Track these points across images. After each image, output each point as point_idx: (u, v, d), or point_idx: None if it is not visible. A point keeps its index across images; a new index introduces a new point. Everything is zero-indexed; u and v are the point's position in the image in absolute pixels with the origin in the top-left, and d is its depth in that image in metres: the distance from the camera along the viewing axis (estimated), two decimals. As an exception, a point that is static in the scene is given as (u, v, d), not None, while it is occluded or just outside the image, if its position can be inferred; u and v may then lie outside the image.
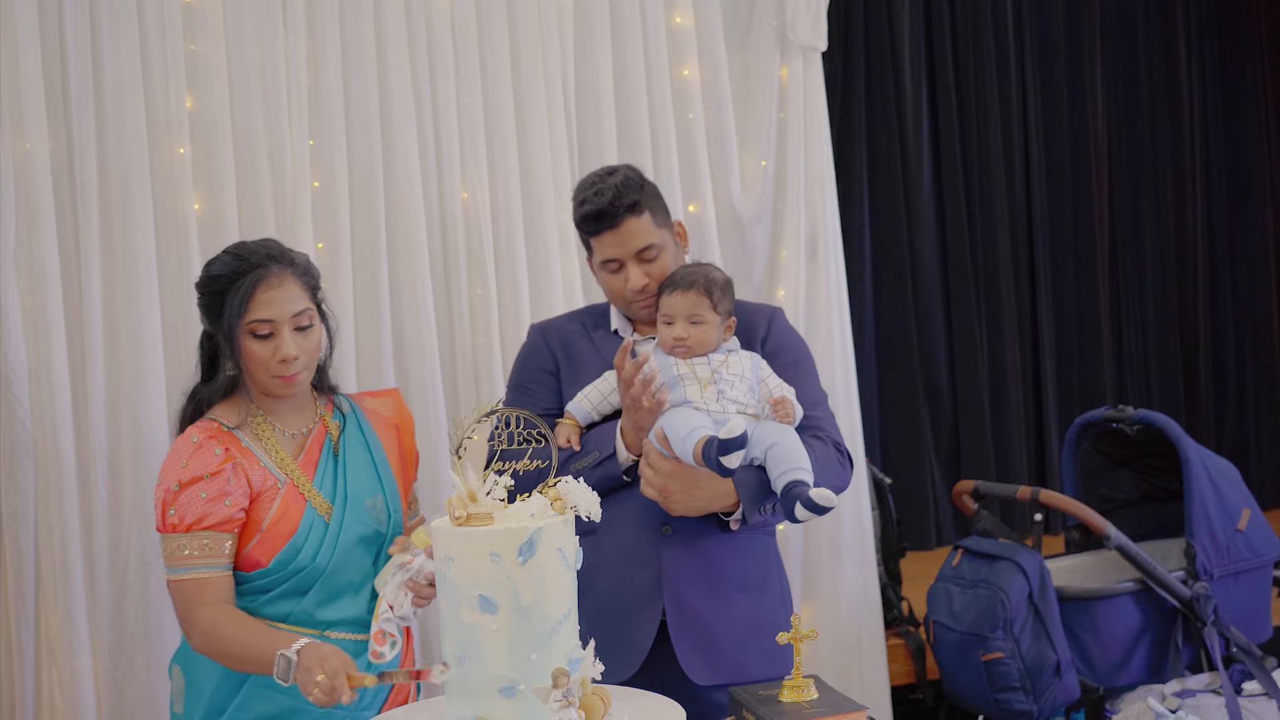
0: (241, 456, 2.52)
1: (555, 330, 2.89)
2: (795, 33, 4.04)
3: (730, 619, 2.65)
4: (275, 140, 3.45)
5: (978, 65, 6.19)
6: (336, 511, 2.56)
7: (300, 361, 2.51)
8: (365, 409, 2.73)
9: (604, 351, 2.78)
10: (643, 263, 2.72)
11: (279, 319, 2.49)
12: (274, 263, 2.51)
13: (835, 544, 4.07)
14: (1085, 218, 6.47)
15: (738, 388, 2.59)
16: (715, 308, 2.64)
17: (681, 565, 2.64)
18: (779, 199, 4.09)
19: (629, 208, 2.69)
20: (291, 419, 2.61)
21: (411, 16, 3.60)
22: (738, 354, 2.67)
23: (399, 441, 2.72)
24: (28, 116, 3.19)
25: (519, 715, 1.92)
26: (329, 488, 2.58)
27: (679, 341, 2.62)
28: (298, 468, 2.57)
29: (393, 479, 2.66)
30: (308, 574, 2.52)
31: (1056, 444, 6.09)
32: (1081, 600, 3.75)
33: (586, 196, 2.73)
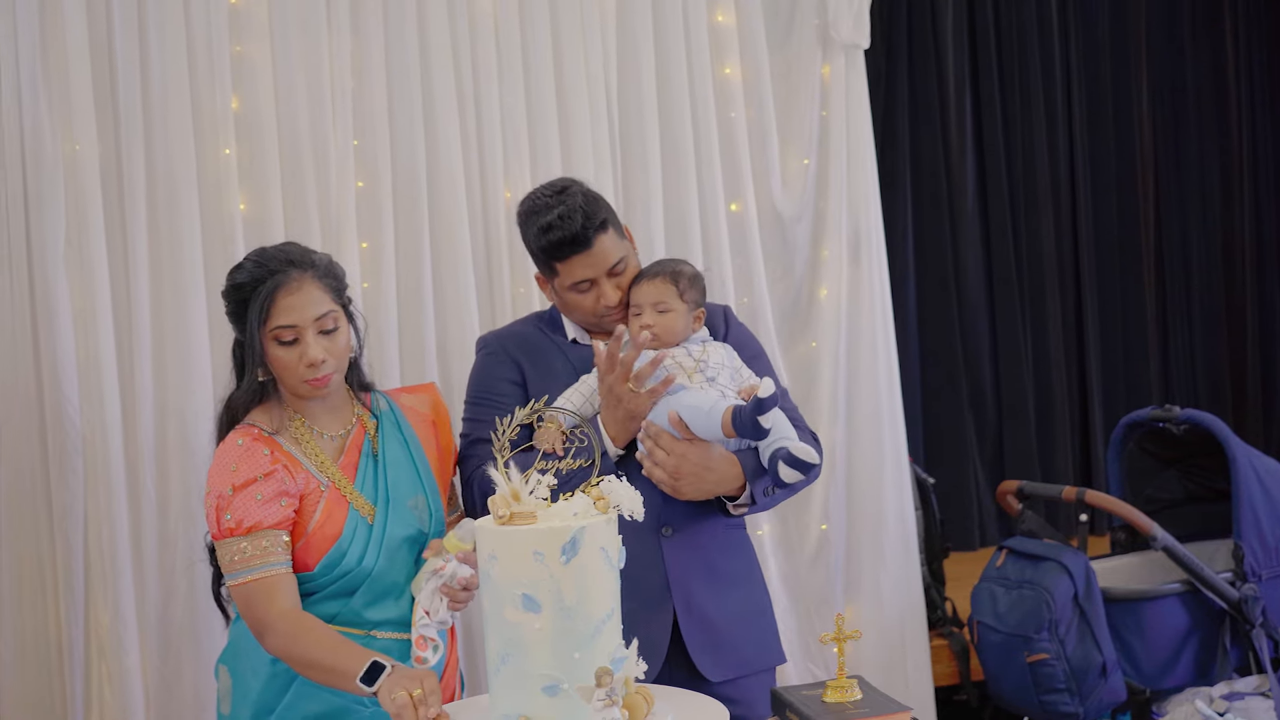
0: (285, 459, 2.51)
1: (513, 338, 2.86)
2: (837, 30, 4.03)
3: (731, 613, 2.69)
4: (320, 141, 3.47)
5: (1022, 67, 6.14)
6: (379, 513, 2.55)
7: (329, 364, 2.49)
8: (402, 406, 2.72)
9: (571, 356, 2.77)
10: (613, 277, 2.70)
11: (302, 324, 2.47)
12: (293, 268, 2.49)
13: (878, 544, 4.05)
14: (1131, 219, 6.41)
15: (722, 375, 2.62)
16: (681, 296, 2.65)
17: (685, 565, 2.66)
18: (821, 198, 4.08)
19: (599, 227, 2.66)
20: (328, 421, 2.60)
21: (455, 17, 3.61)
22: (712, 343, 2.70)
23: (436, 438, 2.71)
24: (76, 118, 3.22)
25: (562, 714, 1.92)
26: (370, 489, 2.57)
27: (646, 329, 2.62)
28: (338, 470, 2.56)
29: (432, 477, 2.65)
30: (354, 576, 2.51)
31: (1102, 444, 6.04)
32: (1128, 601, 3.72)
33: (551, 222, 2.66)
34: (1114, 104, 6.39)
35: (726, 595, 2.70)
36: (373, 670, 2.20)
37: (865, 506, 4.05)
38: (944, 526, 4.65)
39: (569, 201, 2.67)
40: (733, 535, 2.77)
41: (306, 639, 2.38)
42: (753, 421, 2.44)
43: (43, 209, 3.17)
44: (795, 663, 3.94)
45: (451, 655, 2.66)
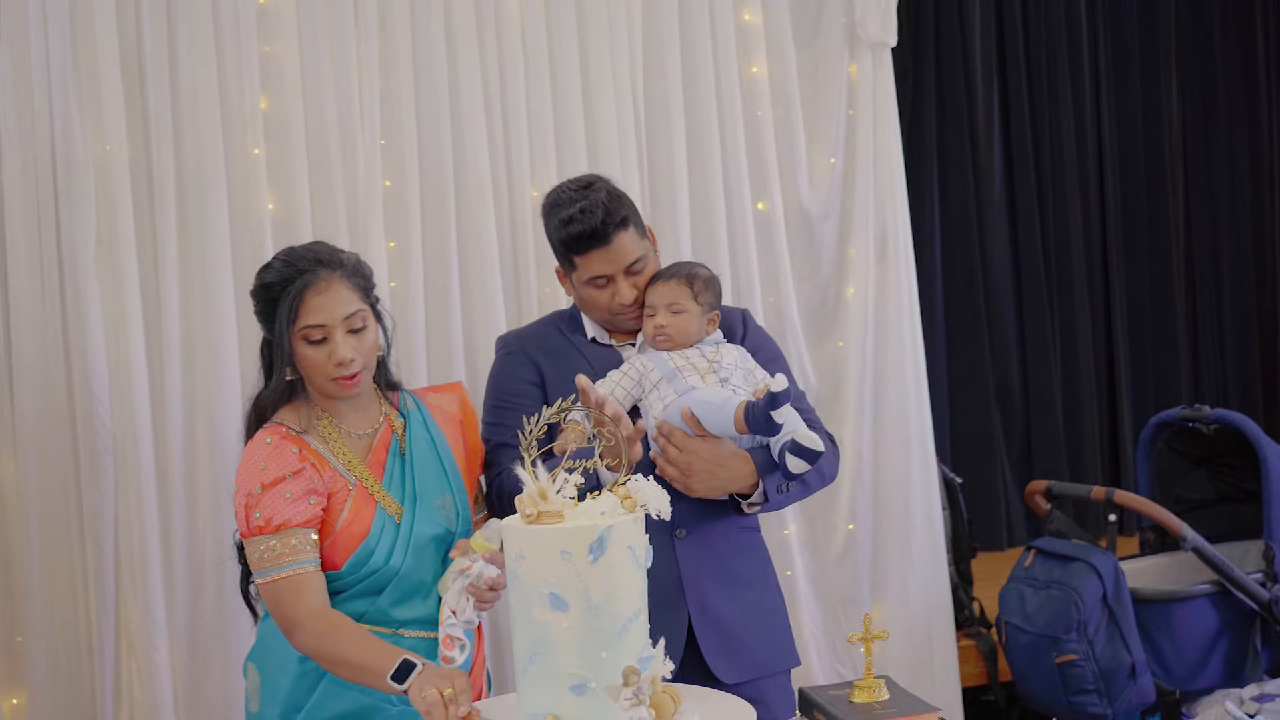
0: (313, 458, 2.52)
1: (532, 338, 2.87)
2: (864, 29, 4.02)
3: (745, 615, 2.69)
4: (347, 140, 3.48)
5: (1050, 64, 6.12)
6: (406, 512, 2.56)
7: (357, 363, 2.49)
8: (429, 405, 2.72)
9: (591, 357, 2.77)
10: (630, 275, 2.71)
11: (330, 323, 2.47)
12: (322, 267, 2.49)
13: (906, 544, 4.04)
14: (1160, 215, 6.38)
15: (735, 376, 2.63)
16: (696, 298, 2.66)
17: (699, 567, 2.67)
18: (847, 197, 4.07)
19: (619, 224, 2.68)
20: (356, 420, 2.61)
21: (481, 17, 3.62)
22: (725, 345, 2.71)
23: (464, 437, 2.71)
24: (106, 119, 3.24)
25: (590, 713, 1.93)
26: (398, 488, 2.58)
27: (659, 330, 2.64)
28: (366, 469, 2.57)
29: (459, 476, 2.65)
30: (381, 575, 2.52)
31: (1131, 444, 6.01)
32: (1157, 602, 3.71)
33: (573, 215, 2.68)
34: (1143, 100, 6.35)
35: (740, 597, 2.70)
36: (403, 668, 2.20)
37: (892, 506, 4.04)
38: (971, 526, 4.64)
39: (592, 196, 2.68)
40: (746, 537, 2.77)
41: (335, 636, 2.38)
42: (765, 416, 2.45)
43: (73, 210, 3.19)
44: (822, 662, 3.93)
45: (478, 654, 2.67)
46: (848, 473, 4.00)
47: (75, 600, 3.21)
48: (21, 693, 3.19)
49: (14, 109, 3.18)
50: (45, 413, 3.19)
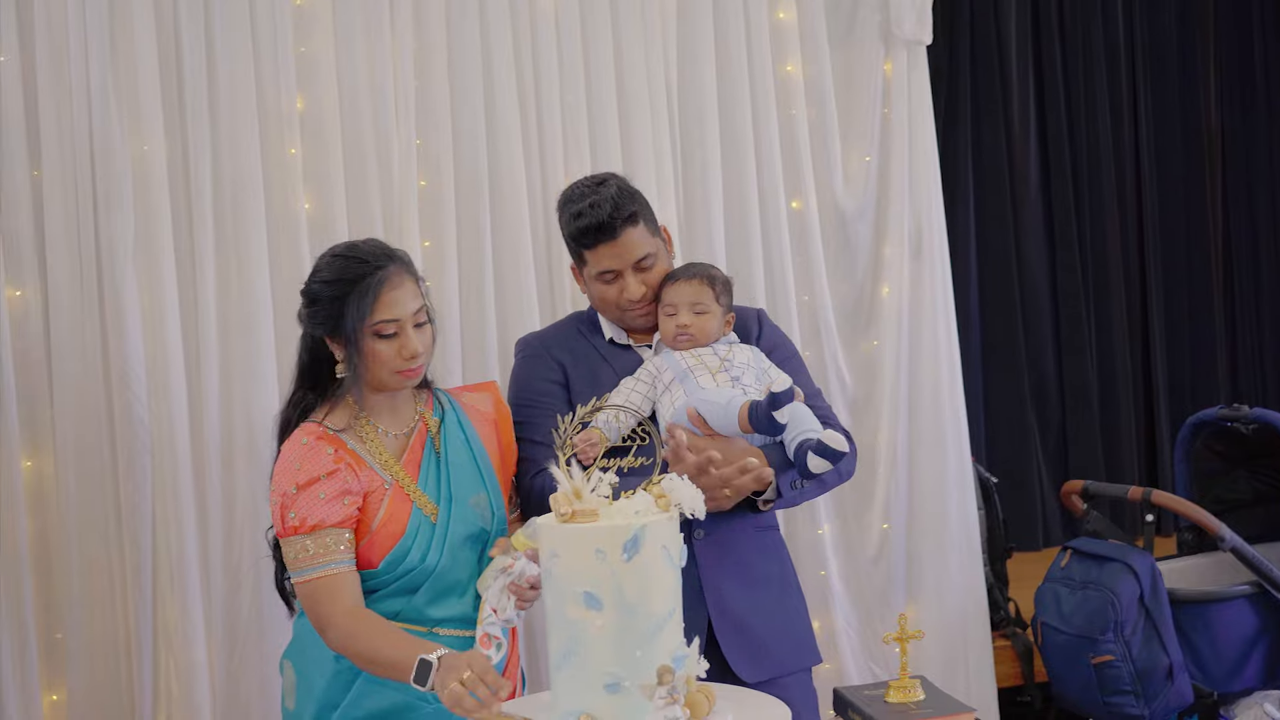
0: (349, 458, 2.54)
1: (553, 339, 2.89)
2: (899, 27, 4.01)
3: (765, 615, 2.70)
4: (383, 140, 3.50)
5: (1086, 61, 6.07)
6: (442, 512, 2.57)
7: (423, 357, 2.55)
8: (464, 404, 2.74)
9: (610, 359, 2.80)
10: (639, 272, 2.73)
11: (404, 317, 2.51)
12: (392, 262, 2.54)
13: (940, 544, 4.03)
14: (1198, 212, 6.33)
15: (747, 375, 2.63)
16: (717, 299, 2.69)
17: (717, 567, 2.67)
18: (882, 195, 4.06)
19: (627, 219, 2.70)
20: (392, 419, 2.63)
21: (516, 16, 3.63)
22: (738, 345, 2.73)
23: (498, 436, 2.72)
24: (145, 119, 3.27)
25: (624, 712, 1.93)
26: (433, 487, 2.59)
27: (682, 329, 2.65)
28: (401, 469, 2.59)
29: (494, 475, 2.67)
30: (417, 574, 2.53)
31: (1168, 443, 5.96)
32: (1195, 603, 3.68)
33: (582, 209, 2.71)
34: (1181, 96, 6.29)
35: (760, 597, 2.71)
36: (421, 670, 2.23)
37: (927, 506, 4.03)
38: (1007, 526, 4.61)
39: (602, 192, 2.72)
40: (765, 537, 2.78)
41: (366, 636, 2.41)
42: (768, 416, 2.46)
43: (111, 209, 3.22)
44: (857, 662, 3.92)
45: (513, 653, 2.67)
46: (882, 472, 3.99)
47: (113, 598, 3.24)
48: (61, 689, 3.22)
49: (53, 110, 3.21)
50: (83, 412, 3.22)
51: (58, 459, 3.21)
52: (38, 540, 3.22)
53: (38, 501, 3.22)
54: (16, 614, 3.15)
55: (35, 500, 3.22)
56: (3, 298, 3.16)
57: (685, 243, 3.81)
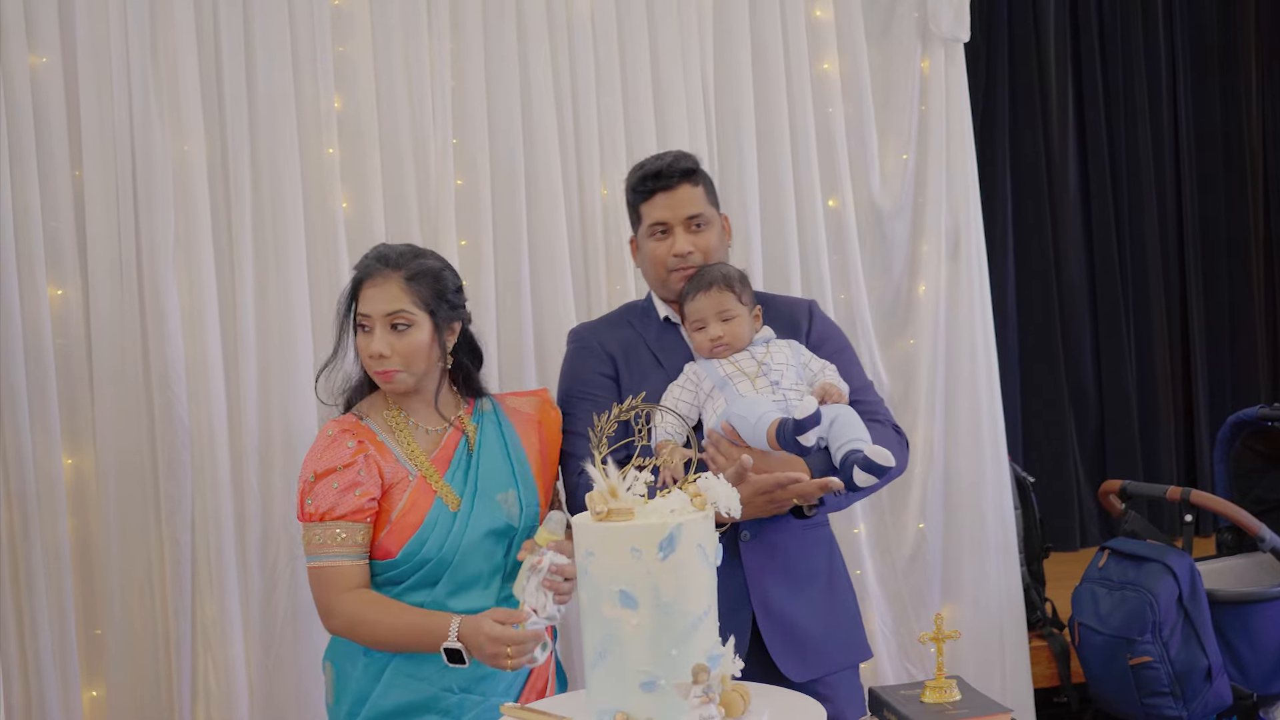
0: (375, 449, 2.61)
1: (604, 331, 2.91)
2: (937, 24, 3.99)
3: (813, 613, 2.69)
4: (420, 139, 3.51)
5: (1126, 57, 6.03)
6: (465, 504, 2.62)
7: (392, 361, 2.59)
8: (507, 407, 2.80)
9: (657, 347, 2.81)
10: (690, 231, 2.77)
11: (374, 315, 2.59)
12: (384, 265, 2.62)
13: (977, 544, 4.01)
14: (1239, 211, 6.27)
15: (787, 376, 2.62)
16: (740, 299, 2.68)
17: (763, 567, 2.67)
18: (919, 194, 4.04)
19: (684, 173, 2.78)
20: (426, 415, 2.70)
21: (553, 16, 3.64)
22: (775, 343, 2.71)
23: (540, 437, 2.76)
24: (185, 120, 3.29)
25: (659, 710, 1.93)
26: (459, 482, 2.65)
27: (716, 341, 2.65)
28: (430, 463, 2.64)
29: (529, 474, 2.70)
30: (435, 565, 2.58)
31: (1207, 443, 5.92)
32: (1234, 604, 3.65)
33: (645, 162, 2.84)
34: (1221, 94, 6.24)
35: (806, 595, 2.70)
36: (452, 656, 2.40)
37: (964, 505, 4.01)
38: (1044, 526, 4.59)
39: (669, 152, 2.84)
40: (812, 534, 2.77)
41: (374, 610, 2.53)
42: (793, 440, 2.45)
43: (152, 209, 3.25)
44: (892, 662, 3.91)
45: None
46: (918, 471, 3.98)
47: (153, 595, 3.27)
48: (100, 685, 3.25)
49: (95, 111, 3.24)
50: (124, 409, 3.25)
51: (98, 457, 3.24)
52: (78, 538, 3.25)
53: (78, 499, 3.25)
54: (57, 610, 3.18)
55: (76, 498, 3.25)
56: (44, 297, 3.19)
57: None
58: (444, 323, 2.66)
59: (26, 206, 3.19)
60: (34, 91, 3.22)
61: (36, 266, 3.19)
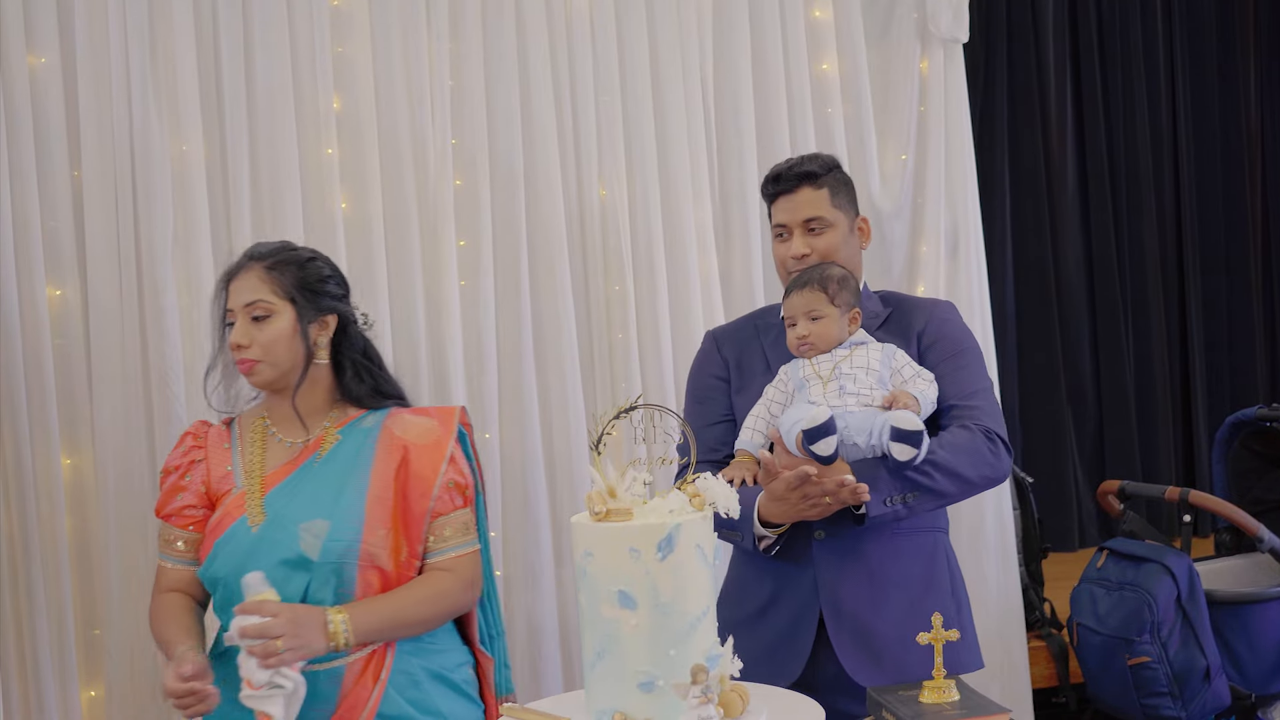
0: (213, 456, 2.58)
1: (728, 335, 2.93)
2: (936, 25, 4.00)
3: (891, 619, 2.61)
4: (419, 140, 3.51)
5: (1125, 56, 6.03)
6: (264, 527, 2.47)
7: (252, 351, 2.50)
8: (391, 425, 2.58)
9: (768, 349, 2.80)
10: (808, 234, 2.76)
11: (235, 308, 2.53)
12: (248, 259, 2.57)
13: (976, 544, 4.01)
14: (1237, 211, 6.28)
15: (861, 380, 2.58)
16: (832, 300, 2.64)
17: (837, 568, 2.62)
18: (919, 194, 4.05)
19: (804, 176, 2.77)
20: (288, 427, 2.58)
21: (552, 17, 3.64)
22: (866, 346, 2.66)
23: (401, 467, 2.53)
24: (184, 120, 3.30)
25: (658, 710, 1.93)
26: (279, 503, 2.49)
27: (802, 340, 2.64)
28: (264, 478, 2.53)
29: (359, 507, 2.48)
30: (225, 587, 2.47)
31: (1206, 444, 5.92)
32: (1233, 604, 3.65)
33: (775, 165, 2.85)
34: (1220, 95, 6.25)
35: (888, 599, 2.62)
36: None
37: (963, 506, 3.99)
38: (1042, 526, 4.59)
39: (800, 156, 2.85)
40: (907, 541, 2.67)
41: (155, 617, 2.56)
42: (808, 449, 2.43)
43: (151, 209, 3.25)
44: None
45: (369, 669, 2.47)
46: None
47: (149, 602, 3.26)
48: (99, 685, 3.25)
49: (94, 111, 3.24)
50: (123, 409, 3.24)
51: (97, 457, 3.24)
52: (77, 537, 3.25)
53: (77, 499, 3.25)
54: (56, 610, 3.18)
55: (75, 498, 3.25)
56: (43, 297, 3.19)
57: (721, 241, 3.82)
58: (309, 314, 2.54)
59: (25, 206, 3.19)
60: (33, 91, 3.21)
61: (35, 266, 3.19)
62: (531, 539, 3.58)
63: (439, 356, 3.52)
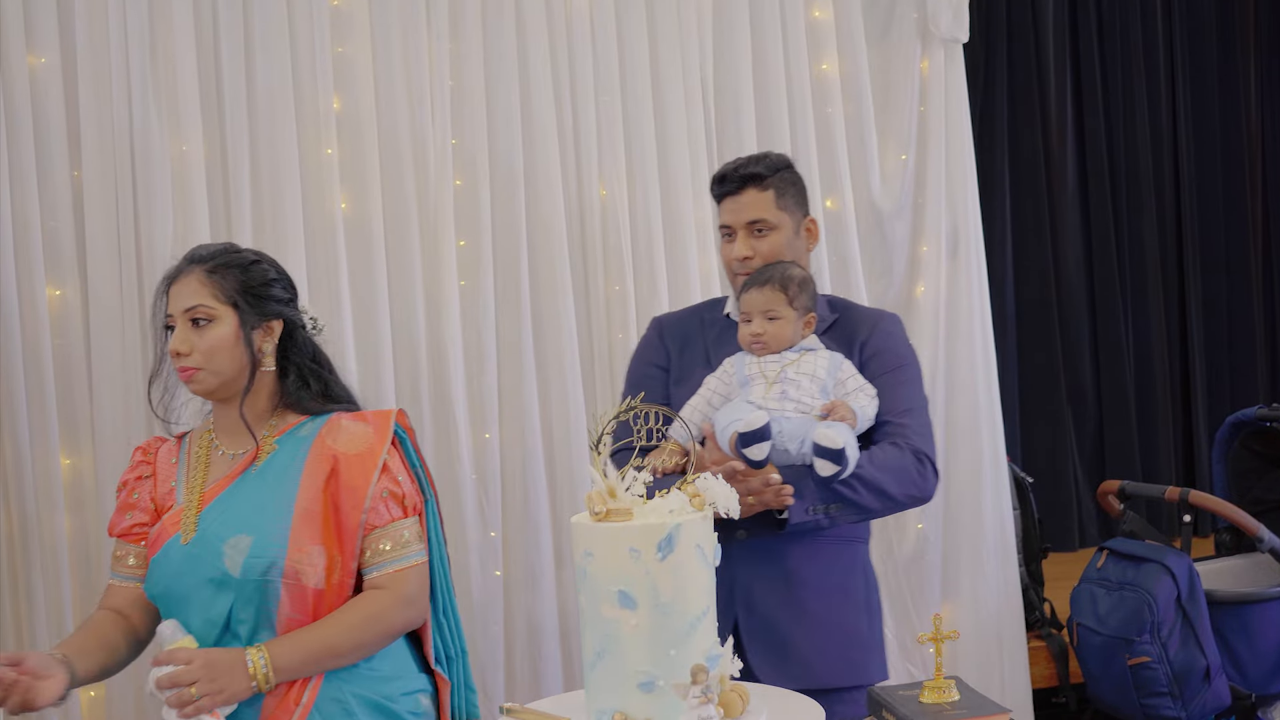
0: (160, 471, 2.49)
1: (673, 324, 2.93)
2: (936, 24, 4.00)
3: (804, 624, 2.63)
4: (419, 140, 3.52)
5: (1125, 56, 6.04)
6: (192, 544, 2.36)
7: (192, 358, 2.38)
8: (323, 435, 2.43)
9: (710, 344, 2.80)
10: (752, 235, 2.76)
11: (175, 313, 2.42)
12: (188, 262, 2.44)
13: (976, 544, 4.01)
14: (1237, 211, 6.28)
15: (805, 388, 2.58)
16: (791, 303, 2.64)
17: (755, 570, 2.64)
18: (919, 194, 4.05)
19: (750, 178, 2.77)
20: (230, 439, 2.47)
21: (552, 16, 3.64)
22: (814, 353, 2.66)
23: (331, 478, 2.39)
24: (184, 120, 3.30)
25: (658, 711, 1.93)
26: (210, 517, 2.38)
27: (756, 338, 2.64)
28: (203, 494, 2.42)
29: (285, 521, 2.35)
30: (163, 606, 2.40)
31: (1206, 444, 5.92)
32: (1233, 604, 3.65)
33: (724, 164, 2.85)
34: (1220, 94, 6.25)
35: (802, 604, 2.64)
36: None
37: (963, 506, 4.02)
38: (1042, 526, 4.59)
39: (750, 156, 2.85)
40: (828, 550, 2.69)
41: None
42: (741, 453, 2.43)
43: (151, 210, 3.25)
44: (892, 662, 3.90)
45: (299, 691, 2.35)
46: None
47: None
48: (99, 685, 3.24)
49: (94, 111, 3.24)
50: (123, 410, 3.25)
51: (96, 457, 3.24)
52: (76, 537, 3.25)
53: (76, 499, 3.25)
54: (55, 609, 3.18)
55: (74, 498, 3.25)
56: (43, 297, 3.20)
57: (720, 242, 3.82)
58: (253, 319, 2.42)
59: (25, 206, 3.19)
60: (33, 91, 3.22)
61: (35, 267, 3.19)
62: (531, 539, 3.58)
63: (439, 356, 3.52)
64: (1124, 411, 5.97)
